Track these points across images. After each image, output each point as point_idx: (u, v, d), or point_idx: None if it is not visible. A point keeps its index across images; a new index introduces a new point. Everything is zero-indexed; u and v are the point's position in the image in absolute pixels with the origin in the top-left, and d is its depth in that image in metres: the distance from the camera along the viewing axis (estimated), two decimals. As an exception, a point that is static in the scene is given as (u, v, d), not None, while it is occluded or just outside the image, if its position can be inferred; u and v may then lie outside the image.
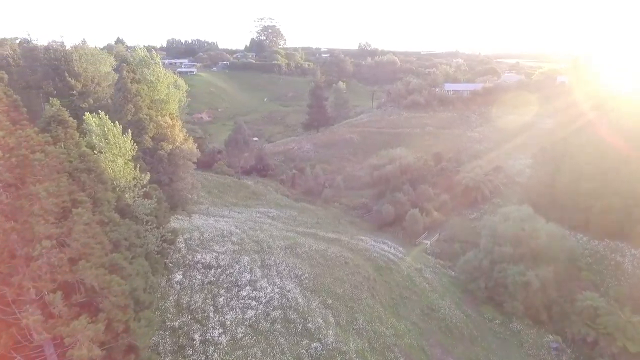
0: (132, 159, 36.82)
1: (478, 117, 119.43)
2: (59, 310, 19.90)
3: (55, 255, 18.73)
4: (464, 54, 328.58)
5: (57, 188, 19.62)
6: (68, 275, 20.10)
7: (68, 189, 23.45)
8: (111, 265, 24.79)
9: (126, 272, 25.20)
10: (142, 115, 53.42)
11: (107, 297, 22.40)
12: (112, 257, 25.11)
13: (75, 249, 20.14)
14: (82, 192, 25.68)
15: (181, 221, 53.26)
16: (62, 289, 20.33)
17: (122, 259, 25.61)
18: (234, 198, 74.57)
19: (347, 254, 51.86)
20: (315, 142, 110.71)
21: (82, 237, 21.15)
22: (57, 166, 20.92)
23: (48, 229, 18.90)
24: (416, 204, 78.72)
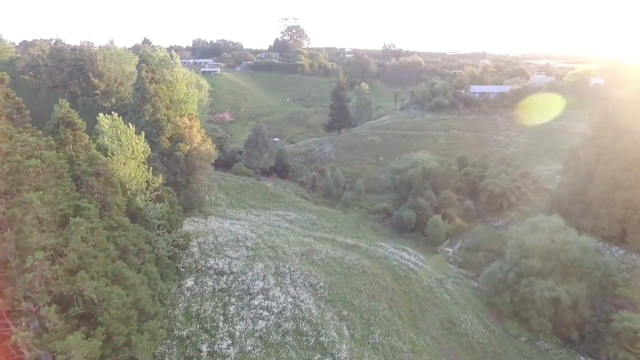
0: (145, 161, 35.91)
1: (505, 120, 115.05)
2: (54, 324, 18.85)
3: (48, 267, 17.63)
4: (491, 55, 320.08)
5: (54, 196, 18.52)
6: (65, 287, 19.02)
7: (71, 195, 22.47)
8: (114, 275, 23.72)
9: (130, 281, 24.07)
10: (160, 115, 52.82)
11: (107, 309, 21.28)
12: (116, 265, 24.05)
13: (72, 260, 19.03)
14: (86, 198, 24.72)
15: (197, 224, 52.38)
16: (59, 301, 19.31)
17: (126, 267, 24.51)
18: (253, 200, 73.54)
19: (365, 261, 49.89)
20: (337, 143, 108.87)
21: (81, 246, 20.06)
22: (55, 172, 19.85)
23: (42, 240, 17.84)
24: (439, 209, 75.99)
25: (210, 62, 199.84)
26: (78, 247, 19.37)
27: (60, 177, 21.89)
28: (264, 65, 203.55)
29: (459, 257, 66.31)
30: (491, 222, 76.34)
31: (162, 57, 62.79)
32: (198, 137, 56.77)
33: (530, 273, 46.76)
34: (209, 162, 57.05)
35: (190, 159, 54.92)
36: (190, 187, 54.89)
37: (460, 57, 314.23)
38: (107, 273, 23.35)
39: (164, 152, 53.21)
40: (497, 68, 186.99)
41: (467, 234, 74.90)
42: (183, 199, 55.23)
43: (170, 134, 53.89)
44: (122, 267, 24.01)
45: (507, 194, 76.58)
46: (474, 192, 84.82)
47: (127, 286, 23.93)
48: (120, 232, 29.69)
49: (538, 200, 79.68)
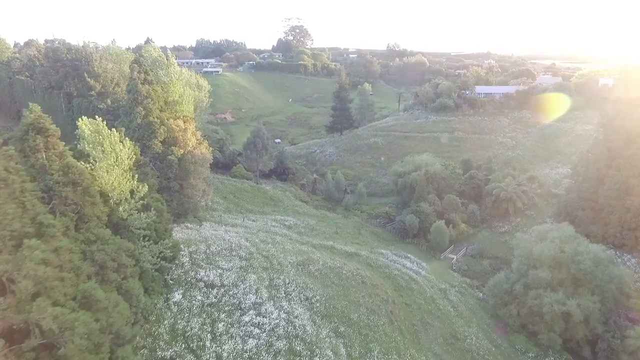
0: (130, 168, 33.69)
1: (511, 122, 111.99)
2: (4, 360, 16.63)
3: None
4: (495, 55, 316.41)
5: (3, 216, 16.28)
6: (17, 319, 16.80)
7: (32, 212, 20.23)
8: (84, 298, 21.46)
9: (101, 304, 21.81)
10: (153, 118, 50.65)
11: (71, 339, 19.02)
12: (86, 287, 21.78)
13: (26, 287, 16.80)
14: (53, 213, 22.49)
15: (190, 231, 50.24)
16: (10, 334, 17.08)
17: (98, 288, 22.24)
18: (250, 204, 71.30)
19: (365, 271, 47.47)
20: (338, 145, 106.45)
21: (39, 270, 17.83)
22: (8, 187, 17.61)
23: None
24: (442, 214, 73.40)
25: (213, 62, 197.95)
26: (34, 272, 17.09)
27: (22, 191, 19.64)
28: (266, 65, 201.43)
29: (463, 265, 63.72)
30: (496, 228, 73.64)
31: (155, 57, 60.60)
32: (192, 140, 54.59)
33: (538, 285, 44.14)
34: (203, 167, 54.83)
35: (184, 163, 52.75)
36: (184, 193, 52.74)
37: (464, 57, 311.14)
38: (76, 296, 21.12)
39: (156, 156, 51.06)
40: (502, 68, 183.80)
41: (471, 240, 72.29)
42: (176, 205, 53.15)
43: (163, 137, 51.73)
44: (93, 288, 21.75)
45: (513, 198, 73.83)
46: (479, 196, 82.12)
47: (98, 309, 21.70)
48: (98, 246, 27.51)
49: (545, 205, 76.90)
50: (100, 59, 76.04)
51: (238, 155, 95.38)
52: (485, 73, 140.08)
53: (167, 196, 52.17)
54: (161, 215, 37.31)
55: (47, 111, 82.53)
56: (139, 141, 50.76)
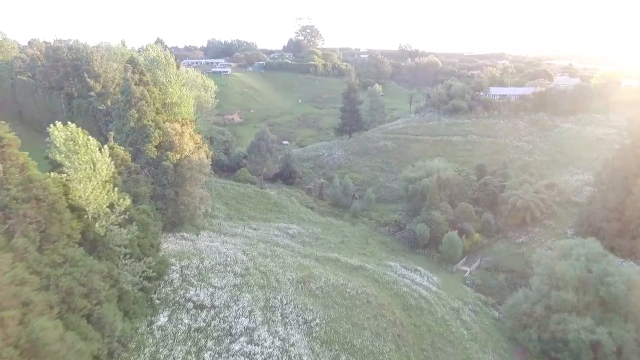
0: (110, 179, 30.30)
1: (527, 125, 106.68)
2: None
3: None
4: (509, 56, 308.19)
5: None
6: None
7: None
8: (30, 341, 18.01)
9: (51, 348, 18.34)
10: (147, 121, 47.43)
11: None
12: (34, 327, 18.31)
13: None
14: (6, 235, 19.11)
15: (184, 242, 46.92)
16: None
17: (48, 328, 18.76)
18: (253, 210, 67.83)
19: (371, 289, 43.53)
20: (347, 148, 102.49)
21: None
22: None
23: None
24: (455, 223, 69.07)
25: (222, 62, 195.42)
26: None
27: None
28: (276, 65, 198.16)
29: (477, 279, 59.37)
30: (512, 238, 68.99)
31: (154, 56, 57.45)
32: (190, 144, 51.25)
33: (562, 308, 39.77)
34: (201, 173, 51.45)
35: (180, 169, 49.45)
36: (179, 200, 49.43)
37: (477, 57, 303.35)
38: (19, 340, 17.68)
39: (150, 162, 47.86)
40: (517, 69, 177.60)
41: (485, 251, 67.82)
42: (172, 213, 49.93)
43: (158, 142, 48.49)
44: (42, 328, 18.29)
45: (530, 207, 69.10)
46: (494, 203, 77.51)
47: (47, 354, 18.24)
48: (66, 270, 24.12)
49: (565, 214, 71.98)
50: (101, 59, 73.26)
51: (243, 157, 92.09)
52: (500, 74, 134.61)
53: (161, 204, 49.10)
54: (147, 229, 33.90)
55: (48, 112, 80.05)
56: (132, 145, 47.72)
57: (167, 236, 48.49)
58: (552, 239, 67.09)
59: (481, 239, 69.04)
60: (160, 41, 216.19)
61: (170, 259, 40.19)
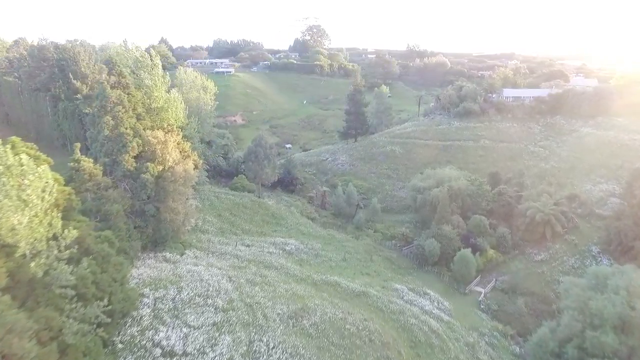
0: (52, 207, 24.70)
1: (543, 129, 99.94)
2: None
3: None
4: (520, 56, 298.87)
5: None
6: None
7: None
8: None
9: None
10: (124, 129, 41.97)
11: None
12: None
13: None
14: None
15: (165, 265, 41.38)
16: None
17: None
18: (248, 223, 62.20)
19: (374, 322, 37.64)
20: (352, 153, 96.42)
21: None
22: None
23: None
24: (467, 238, 62.83)
25: (226, 62, 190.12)
26: None
27: None
28: (281, 65, 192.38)
29: (493, 303, 53.15)
30: (531, 255, 62.63)
31: (137, 57, 51.95)
32: (174, 154, 45.69)
33: (600, 352, 33.57)
34: (186, 186, 45.88)
35: (162, 182, 43.93)
36: (161, 217, 43.91)
37: (487, 57, 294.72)
38: None
39: (128, 174, 42.38)
40: (530, 70, 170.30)
41: (501, 269, 61.56)
42: (152, 232, 44.45)
43: (137, 152, 43.02)
44: None
45: (551, 221, 62.69)
46: (509, 215, 71.10)
47: None
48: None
49: (588, 228, 65.46)
50: (89, 59, 68.04)
51: (242, 163, 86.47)
52: (512, 74, 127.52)
53: (141, 221, 43.66)
54: (107, 262, 28.30)
55: (34, 115, 74.98)
56: (107, 156, 42.33)
57: (147, 257, 43.12)
58: (575, 257, 60.80)
59: (496, 255, 62.75)
60: (165, 41, 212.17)
61: (143, 288, 34.78)
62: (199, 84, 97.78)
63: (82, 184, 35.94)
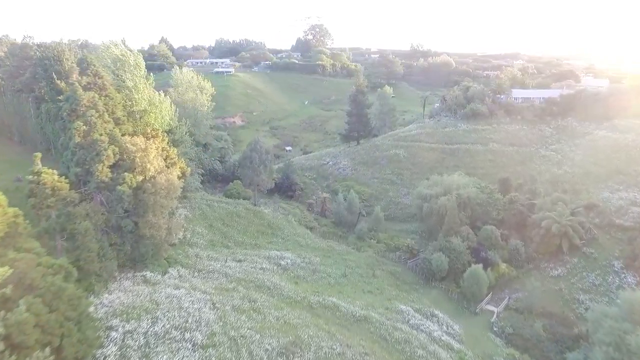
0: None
1: (554, 132, 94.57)
2: None
3: None
4: (525, 56, 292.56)
5: None
6: None
7: None
8: None
9: None
10: (98, 135, 37.28)
11: None
12: None
13: None
14: None
15: (143, 287, 36.69)
16: None
17: None
18: (242, 234, 57.48)
19: (376, 357, 32.76)
20: (354, 157, 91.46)
21: None
22: None
23: None
24: (478, 251, 57.85)
25: (227, 61, 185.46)
26: None
27: None
28: (282, 65, 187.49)
29: (507, 325, 48.07)
30: (546, 270, 57.53)
31: (117, 56, 47.17)
32: (156, 163, 40.95)
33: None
34: (169, 198, 41.13)
35: (141, 194, 39.23)
36: (140, 233, 39.21)
37: (492, 57, 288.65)
38: None
39: (102, 185, 37.70)
40: (538, 70, 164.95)
41: (514, 284, 56.52)
42: (130, 249, 39.77)
43: (113, 161, 38.31)
44: None
45: (568, 233, 57.55)
46: (521, 225, 66.02)
47: None
48: None
49: (608, 240, 60.20)
50: (74, 58, 63.36)
51: (239, 167, 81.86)
52: (521, 74, 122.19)
53: (117, 238, 38.99)
54: (59, 298, 23.55)
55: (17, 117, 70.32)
56: (79, 165, 37.66)
57: (124, 277, 38.50)
58: (596, 273, 55.64)
59: (509, 270, 57.70)
60: (165, 40, 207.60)
61: (113, 319, 30.13)
62: (196, 84, 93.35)
63: (44, 200, 31.31)
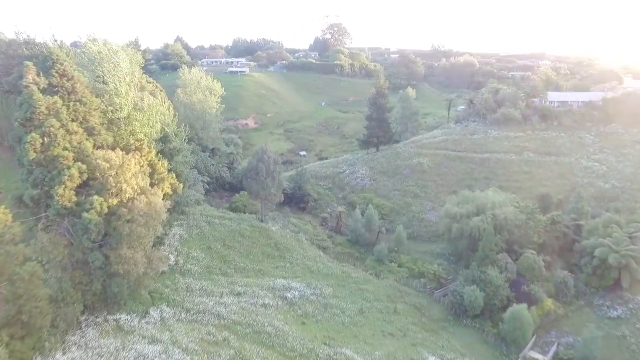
0: None
1: (596, 140, 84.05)
2: None
3: None
4: (551, 55, 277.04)
5: None
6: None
7: None
8: None
9: None
10: (59, 150, 29.89)
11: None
12: None
13: None
14: None
15: (110, 342, 29.12)
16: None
17: None
18: (244, 258, 49.64)
19: None
20: (373, 165, 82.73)
21: None
22: None
23: None
24: (518, 285, 48.65)
25: (242, 61, 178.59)
26: None
27: None
28: (299, 65, 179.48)
29: (560, 383, 39.03)
30: (602, 309, 47.92)
31: (96, 52, 39.67)
32: (134, 182, 33.30)
33: None
34: (150, 226, 33.44)
35: (115, 221, 31.67)
36: (112, 270, 31.68)
37: (516, 57, 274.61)
38: None
39: (64, 212, 30.27)
40: (570, 71, 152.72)
41: (563, 325, 47.16)
42: (100, 289, 32.28)
43: (80, 181, 30.87)
44: None
45: (630, 265, 47.83)
46: (565, 250, 56.83)
47: None
48: None
49: (674, 273, 50.11)
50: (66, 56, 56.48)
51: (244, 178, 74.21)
52: (555, 75, 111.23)
53: (84, 275, 31.60)
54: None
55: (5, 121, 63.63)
56: (36, 187, 30.34)
57: (92, 322, 31.25)
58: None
59: (556, 307, 48.38)
60: (180, 39, 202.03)
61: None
62: (205, 84, 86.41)
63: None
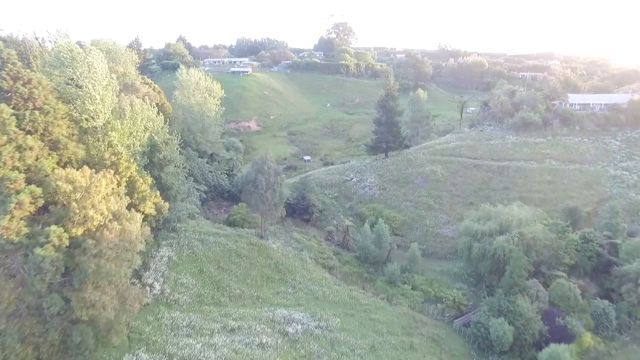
0: None
1: (623, 146, 77.54)
2: None
3: None
4: (560, 55, 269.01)
5: None
6: None
7: None
8: None
9: None
10: (5, 171, 24.04)
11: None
12: None
13: None
14: None
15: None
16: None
17: None
18: (241, 283, 43.70)
19: None
20: (382, 173, 76.54)
21: None
22: None
23: None
24: (552, 316, 42.41)
25: (245, 61, 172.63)
26: None
27: None
28: (303, 65, 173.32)
29: None
30: (648, 345, 41.65)
31: (68, 51, 33.66)
32: (104, 207, 27.39)
33: None
34: (120, 263, 27.50)
35: (78, 255, 25.78)
36: (74, 316, 25.78)
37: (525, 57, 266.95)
38: None
39: (12, 248, 24.42)
40: (587, 71, 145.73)
41: (604, 364, 40.89)
42: (59, 337, 26.39)
43: (34, 208, 25.01)
44: None
45: (680, 297, 41.47)
46: (600, 272, 50.40)
47: None
48: None
49: None
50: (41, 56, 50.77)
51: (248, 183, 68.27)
52: (574, 76, 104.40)
53: (37, 323, 25.75)
54: None
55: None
56: (-21, 217, 24.41)
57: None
58: None
59: (594, 341, 42.06)
60: (182, 39, 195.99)
61: None
62: (204, 86, 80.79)
63: None
